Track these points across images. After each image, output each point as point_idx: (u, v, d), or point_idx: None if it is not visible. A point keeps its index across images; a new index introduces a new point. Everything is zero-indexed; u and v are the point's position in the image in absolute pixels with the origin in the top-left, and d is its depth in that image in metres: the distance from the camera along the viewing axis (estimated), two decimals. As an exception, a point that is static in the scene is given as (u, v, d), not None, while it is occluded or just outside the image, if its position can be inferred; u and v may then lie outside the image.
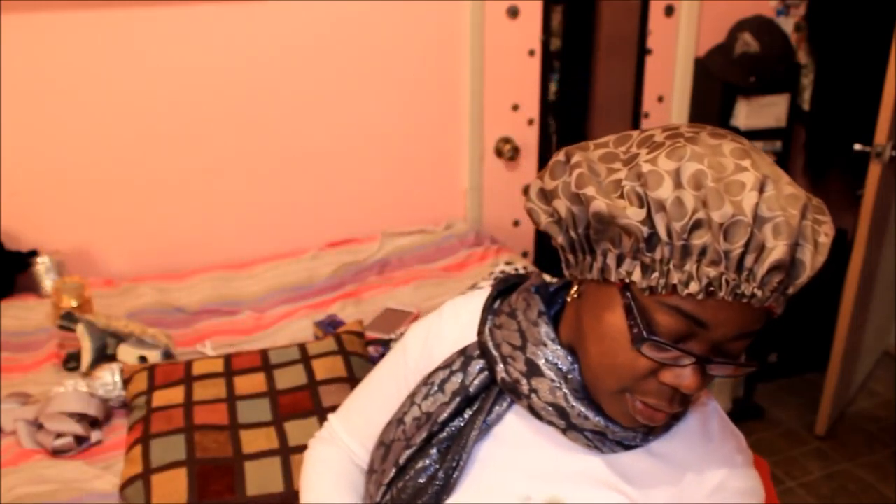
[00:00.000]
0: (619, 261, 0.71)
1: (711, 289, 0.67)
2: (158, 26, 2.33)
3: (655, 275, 0.69)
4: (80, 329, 1.91)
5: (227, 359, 1.83)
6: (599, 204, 0.70)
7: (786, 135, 3.04)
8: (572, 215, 0.73)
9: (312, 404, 1.67)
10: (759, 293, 0.67)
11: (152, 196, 2.48)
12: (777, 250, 0.66)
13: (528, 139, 2.88)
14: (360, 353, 1.88)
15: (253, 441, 1.58)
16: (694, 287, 0.67)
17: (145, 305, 2.24)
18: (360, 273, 2.49)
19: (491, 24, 2.67)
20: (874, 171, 2.47)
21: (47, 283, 2.27)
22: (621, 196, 0.70)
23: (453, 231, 2.73)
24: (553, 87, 3.03)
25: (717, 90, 2.93)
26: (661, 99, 3.02)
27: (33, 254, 2.32)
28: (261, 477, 1.50)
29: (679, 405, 0.76)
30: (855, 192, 2.90)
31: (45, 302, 2.20)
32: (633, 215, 0.68)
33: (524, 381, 0.82)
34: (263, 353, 1.85)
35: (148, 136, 2.42)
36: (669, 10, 2.91)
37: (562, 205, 0.74)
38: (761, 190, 0.67)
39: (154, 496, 1.45)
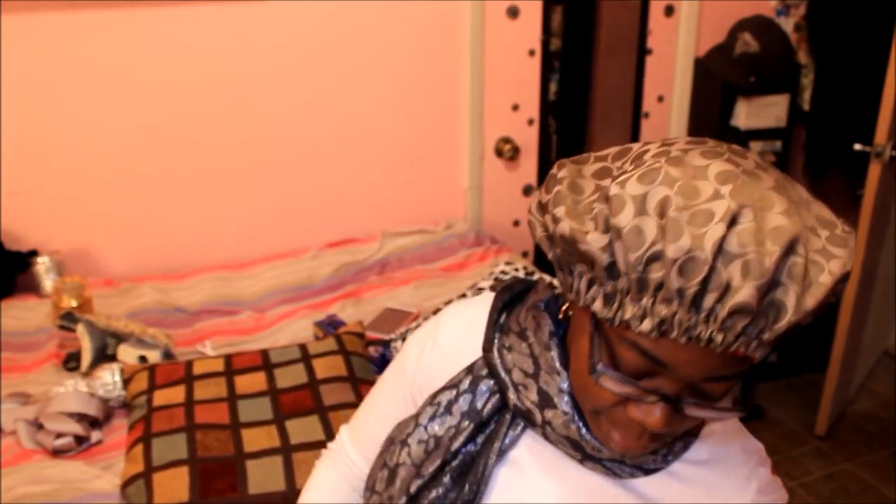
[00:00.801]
0: (589, 286, 0.68)
1: (664, 328, 0.63)
2: (158, 27, 2.33)
3: (614, 306, 0.65)
4: (80, 329, 1.91)
5: (228, 358, 1.84)
6: (564, 226, 0.67)
7: (786, 135, 3.04)
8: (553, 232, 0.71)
9: (313, 403, 1.67)
10: (719, 337, 0.62)
11: (152, 196, 2.48)
12: (742, 292, 0.59)
13: (528, 139, 2.88)
14: (360, 352, 1.88)
15: (254, 439, 1.58)
16: (647, 325, 0.63)
17: (145, 305, 2.24)
18: (360, 273, 2.49)
19: (491, 24, 2.67)
20: (874, 171, 2.47)
21: (47, 283, 2.27)
22: (594, 218, 0.66)
23: (453, 231, 2.73)
24: (553, 87, 3.03)
25: (717, 90, 2.93)
26: (661, 99, 3.02)
27: (33, 254, 2.32)
28: (262, 475, 1.50)
29: (650, 442, 0.72)
30: (855, 192, 2.90)
31: (45, 302, 2.20)
32: (592, 241, 0.65)
33: (537, 412, 0.79)
34: (264, 353, 1.86)
35: (148, 137, 2.42)
36: (669, 10, 2.91)
37: (549, 219, 0.71)
38: (733, 222, 0.60)
39: (156, 495, 1.45)
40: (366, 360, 1.88)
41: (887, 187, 2.60)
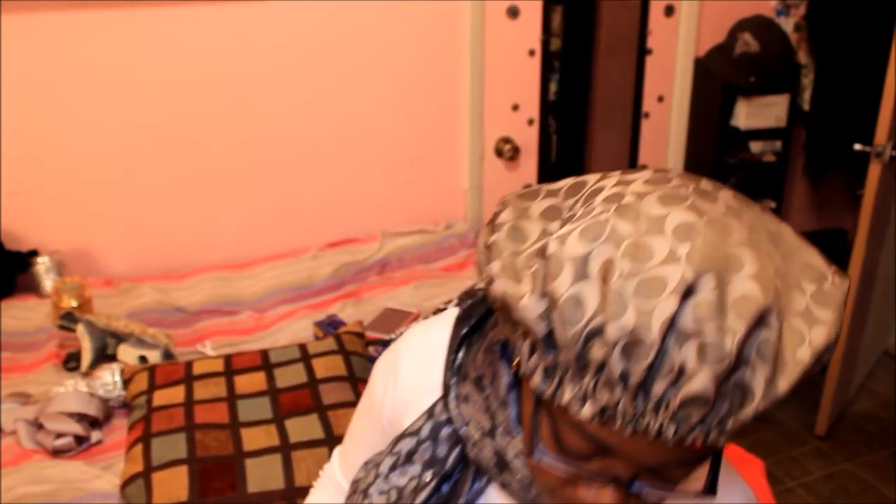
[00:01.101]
0: (531, 352, 0.58)
1: (606, 415, 0.54)
2: (158, 27, 2.33)
3: (554, 383, 0.56)
4: (80, 329, 1.91)
5: (228, 358, 1.84)
6: (497, 287, 0.57)
7: (786, 135, 3.05)
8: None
9: (313, 402, 1.68)
10: (670, 429, 0.52)
11: (152, 196, 2.48)
12: (698, 378, 0.50)
13: (528, 139, 2.88)
14: (360, 352, 1.88)
15: (254, 438, 1.58)
16: (587, 411, 0.54)
17: (145, 305, 2.24)
18: (360, 273, 2.50)
19: (491, 24, 2.67)
20: (874, 171, 2.47)
21: (47, 283, 2.27)
22: (533, 276, 0.56)
23: (453, 231, 2.73)
24: (553, 87, 3.03)
25: (717, 90, 2.93)
26: (661, 99, 3.02)
27: (33, 254, 2.32)
28: (262, 474, 1.50)
29: None
30: (855, 192, 2.90)
31: (45, 302, 2.20)
32: (526, 308, 0.55)
33: (496, 473, 0.72)
34: (263, 353, 1.86)
35: (148, 137, 2.42)
36: (669, 10, 2.91)
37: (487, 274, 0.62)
38: (688, 293, 0.51)
39: (155, 494, 1.45)
40: (365, 359, 1.88)
41: (887, 187, 2.60)
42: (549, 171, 3.10)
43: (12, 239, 2.34)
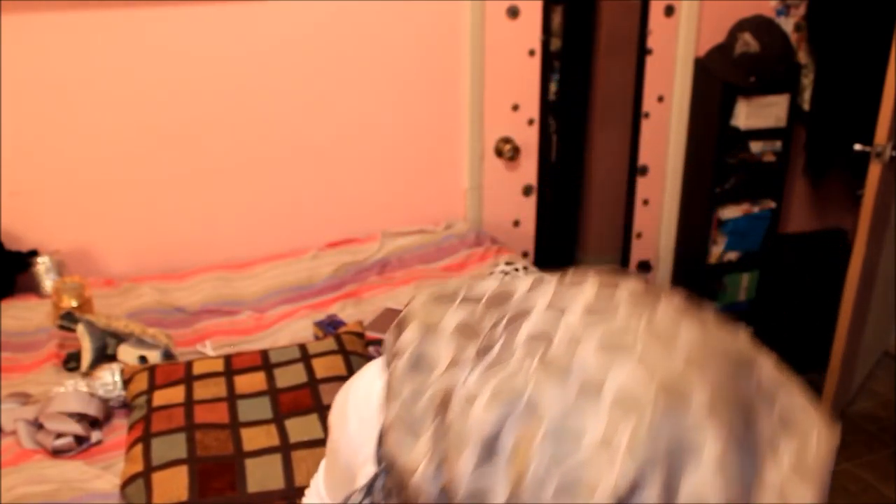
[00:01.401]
0: None
1: None
2: (158, 27, 2.33)
3: None
4: (80, 329, 1.91)
5: (228, 358, 1.84)
6: (389, 442, 0.46)
7: (786, 135, 3.04)
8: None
9: (313, 402, 1.68)
10: None
11: (152, 196, 2.48)
12: None
13: (528, 139, 2.88)
14: (360, 352, 1.88)
15: (254, 438, 1.58)
16: None
17: (145, 305, 2.24)
18: (360, 273, 2.50)
19: (491, 24, 2.67)
20: (874, 171, 2.47)
21: (47, 283, 2.27)
22: (433, 438, 0.46)
23: (453, 231, 2.73)
24: (553, 87, 3.03)
25: (717, 90, 2.93)
26: (661, 99, 3.02)
27: (33, 254, 2.32)
28: (262, 474, 1.50)
29: None
30: (855, 192, 2.90)
31: (45, 302, 2.20)
32: (420, 481, 0.44)
33: None
34: (263, 353, 1.86)
35: (148, 137, 2.42)
36: (669, 10, 2.91)
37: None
38: (626, 498, 0.40)
39: (155, 494, 1.45)
40: (365, 359, 1.88)
41: (887, 187, 2.60)
42: (549, 171, 3.10)
43: (12, 239, 2.34)
